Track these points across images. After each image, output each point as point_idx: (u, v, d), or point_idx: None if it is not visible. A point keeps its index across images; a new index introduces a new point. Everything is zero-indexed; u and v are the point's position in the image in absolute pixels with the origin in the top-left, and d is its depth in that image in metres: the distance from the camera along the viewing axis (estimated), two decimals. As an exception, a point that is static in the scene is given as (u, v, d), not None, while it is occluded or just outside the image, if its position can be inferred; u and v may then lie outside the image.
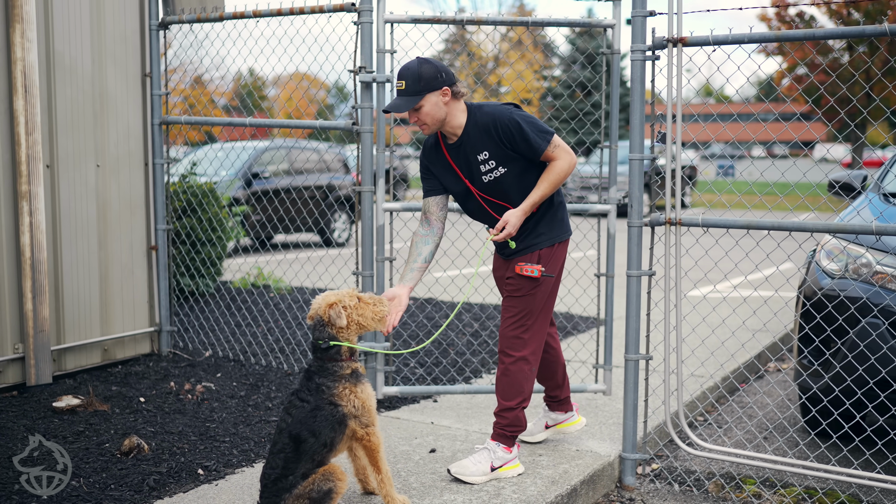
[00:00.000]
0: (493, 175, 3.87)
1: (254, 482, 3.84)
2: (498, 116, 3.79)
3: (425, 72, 3.71)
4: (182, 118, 5.98)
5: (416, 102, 3.72)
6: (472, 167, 3.89)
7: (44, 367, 5.20)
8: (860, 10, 28.07)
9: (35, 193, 5.12)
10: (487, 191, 3.93)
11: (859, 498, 4.17)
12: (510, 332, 3.96)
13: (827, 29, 3.90)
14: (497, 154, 3.83)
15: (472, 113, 3.86)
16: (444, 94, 3.76)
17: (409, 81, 3.72)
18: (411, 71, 3.72)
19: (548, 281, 3.94)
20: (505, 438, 4.00)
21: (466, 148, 3.88)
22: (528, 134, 3.77)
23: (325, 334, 3.42)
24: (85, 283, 5.56)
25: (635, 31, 4.12)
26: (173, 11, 6.01)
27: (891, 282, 4.28)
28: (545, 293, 3.95)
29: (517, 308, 3.95)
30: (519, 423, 4.01)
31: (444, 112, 3.79)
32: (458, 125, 3.86)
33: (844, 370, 4.24)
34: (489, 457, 3.93)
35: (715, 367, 6.03)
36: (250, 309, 7.65)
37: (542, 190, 3.81)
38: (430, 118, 3.77)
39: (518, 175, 3.88)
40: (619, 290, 8.06)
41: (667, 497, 4.26)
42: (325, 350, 3.42)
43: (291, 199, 12.84)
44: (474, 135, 3.85)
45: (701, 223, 4.03)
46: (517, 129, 3.77)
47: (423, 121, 3.78)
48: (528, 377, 3.97)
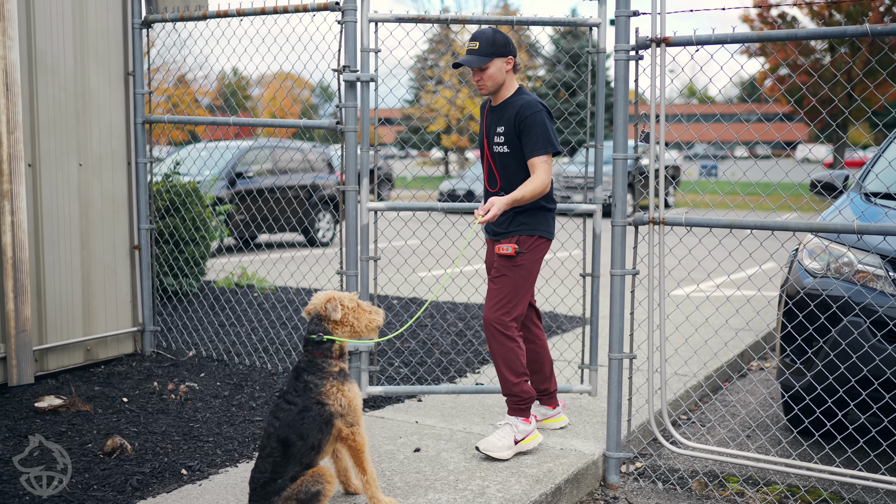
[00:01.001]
0: (500, 150, 4.30)
1: (238, 482, 3.83)
2: (528, 106, 4.19)
3: (498, 39, 4.18)
4: (165, 117, 5.95)
5: (486, 63, 4.17)
6: (491, 133, 4.35)
7: (26, 367, 5.16)
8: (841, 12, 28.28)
9: (17, 192, 5.08)
10: (493, 157, 4.37)
11: (841, 495, 4.20)
12: (492, 315, 4.24)
13: (809, 29, 3.93)
14: (509, 135, 4.24)
15: (518, 92, 4.30)
16: (509, 62, 4.22)
17: (482, 43, 4.17)
18: (486, 35, 4.18)
19: (524, 264, 4.25)
20: (521, 411, 4.28)
21: (498, 116, 4.32)
22: (534, 134, 4.14)
23: (321, 329, 3.50)
24: (67, 283, 5.53)
25: (619, 30, 4.13)
26: (156, 10, 5.98)
27: (872, 281, 4.31)
28: (522, 275, 4.26)
29: (497, 289, 4.27)
30: (527, 394, 4.29)
31: (503, 78, 4.24)
32: (506, 95, 4.30)
33: (826, 368, 4.26)
34: (512, 431, 4.22)
35: (698, 365, 6.05)
36: (234, 308, 7.62)
37: (522, 191, 4.12)
38: (491, 80, 4.22)
39: (516, 162, 4.26)
40: (605, 290, 8.08)
41: (650, 495, 4.27)
42: (317, 344, 3.47)
43: (275, 198, 12.80)
44: (507, 110, 4.27)
45: (684, 222, 4.06)
46: (531, 124, 4.15)
47: (485, 82, 4.22)
48: (515, 353, 4.26)
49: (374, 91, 5.02)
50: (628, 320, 4.41)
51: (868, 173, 5.14)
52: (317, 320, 3.52)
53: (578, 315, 7.81)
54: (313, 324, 3.52)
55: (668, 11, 4.05)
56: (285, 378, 5.60)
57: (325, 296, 3.55)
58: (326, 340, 3.48)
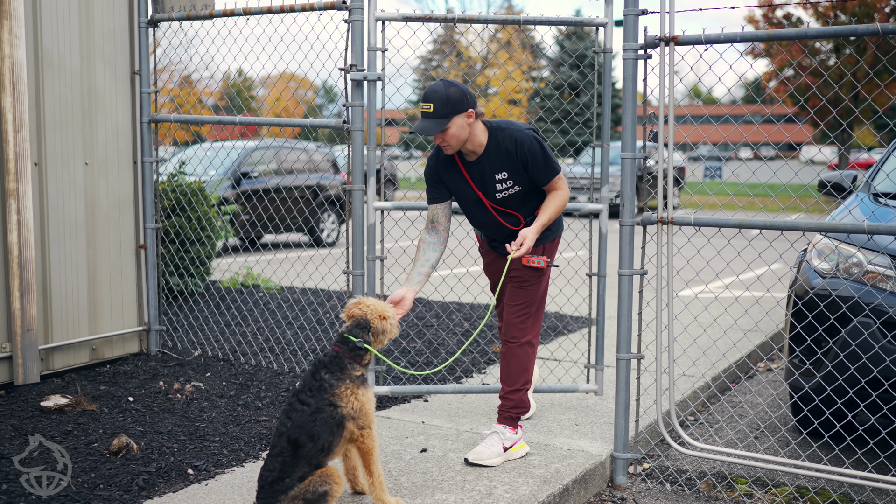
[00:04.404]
0: (508, 192, 4.12)
1: (244, 482, 3.81)
2: (521, 141, 4.00)
3: (452, 95, 3.87)
4: (171, 116, 5.95)
5: (445, 125, 3.89)
6: (488, 184, 4.12)
7: (31, 366, 5.15)
8: (847, 13, 28.23)
9: (23, 191, 5.07)
10: (499, 204, 4.18)
11: (851, 497, 4.17)
12: (516, 319, 4.22)
13: (818, 28, 3.90)
14: (514, 174, 4.07)
15: (493, 134, 4.06)
16: (469, 115, 3.94)
17: (437, 104, 3.86)
18: (439, 94, 3.87)
19: (550, 270, 4.26)
20: (511, 420, 4.25)
21: (485, 166, 4.09)
22: (542, 163, 4.02)
23: (364, 337, 3.51)
24: (73, 282, 5.52)
25: (627, 29, 4.11)
26: (162, 9, 5.97)
27: (882, 281, 4.29)
28: (547, 282, 4.30)
29: (523, 297, 4.22)
30: (524, 405, 4.28)
31: (467, 133, 3.97)
32: (480, 144, 4.06)
33: (836, 369, 4.24)
34: (499, 439, 4.19)
35: (706, 366, 6.03)
36: (240, 308, 7.61)
37: (549, 214, 4.06)
38: (454, 139, 3.95)
39: (527, 193, 4.14)
40: (611, 291, 8.06)
41: (658, 496, 4.25)
42: (354, 349, 3.47)
43: (281, 198, 12.80)
44: (495, 155, 4.06)
45: (693, 222, 4.03)
46: (537, 155, 4.01)
47: (449, 142, 3.96)
48: (530, 359, 4.25)
49: (381, 90, 5.01)
50: (636, 321, 4.39)
51: (877, 173, 5.11)
52: (361, 328, 3.51)
53: (584, 315, 7.79)
54: (357, 328, 3.51)
55: (677, 10, 4.03)
56: (291, 378, 5.59)
57: (378, 308, 3.56)
58: (364, 347, 3.48)
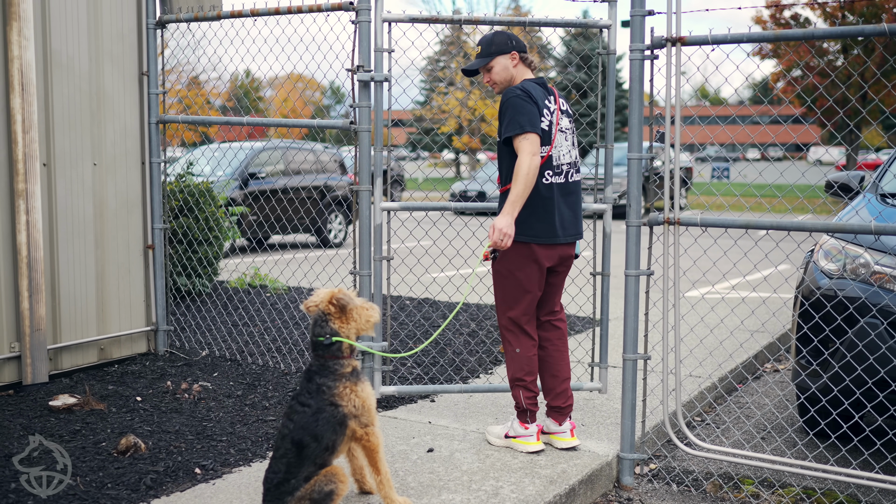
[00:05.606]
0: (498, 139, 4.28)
1: (251, 482, 3.83)
2: (506, 92, 4.17)
3: (497, 38, 4.26)
4: (179, 117, 5.97)
5: (488, 62, 4.25)
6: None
7: (40, 365, 5.18)
8: (854, 13, 28.14)
9: (32, 192, 5.10)
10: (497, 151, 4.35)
11: (858, 498, 4.17)
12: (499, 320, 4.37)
13: (826, 28, 3.90)
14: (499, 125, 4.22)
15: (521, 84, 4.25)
16: (513, 57, 4.24)
17: (483, 46, 4.28)
18: (486, 38, 4.30)
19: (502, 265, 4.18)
20: (519, 412, 4.34)
21: None
22: (506, 116, 4.08)
23: (328, 330, 3.41)
24: (81, 282, 5.54)
25: (634, 30, 4.11)
26: (170, 10, 5.99)
27: (889, 282, 4.28)
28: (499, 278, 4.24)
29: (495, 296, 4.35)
30: (516, 399, 4.32)
31: (510, 75, 4.26)
32: None
33: (843, 370, 4.23)
34: (511, 426, 4.36)
35: (713, 367, 6.02)
36: (247, 308, 7.63)
37: (514, 190, 3.97)
38: (499, 77, 4.26)
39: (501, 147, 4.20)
40: (615, 291, 8.05)
41: (665, 497, 4.25)
42: (326, 347, 3.40)
43: (288, 199, 12.82)
44: None
45: (700, 223, 4.03)
46: (504, 107, 4.13)
47: (494, 80, 4.28)
48: (513, 358, 4.29)
49: (388, 91, 5.02)
50: (642, 321, 4.39)
51: (885, 174, 5.10)
52: (321, 321, 3.42)
53: (589, 315, 7.78)
54: (318, 325, 3.43)
55: (683, 11, 4.03)
56: (298, 378, 5.60)
57: (327, 293, 3.45)
58: (335, 342, 3.41)
